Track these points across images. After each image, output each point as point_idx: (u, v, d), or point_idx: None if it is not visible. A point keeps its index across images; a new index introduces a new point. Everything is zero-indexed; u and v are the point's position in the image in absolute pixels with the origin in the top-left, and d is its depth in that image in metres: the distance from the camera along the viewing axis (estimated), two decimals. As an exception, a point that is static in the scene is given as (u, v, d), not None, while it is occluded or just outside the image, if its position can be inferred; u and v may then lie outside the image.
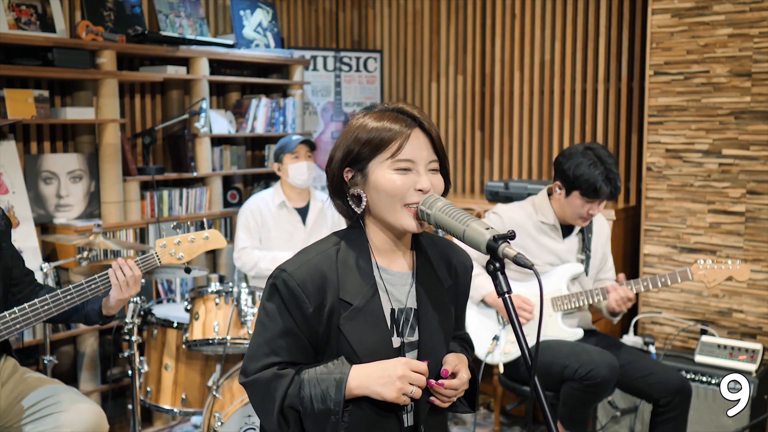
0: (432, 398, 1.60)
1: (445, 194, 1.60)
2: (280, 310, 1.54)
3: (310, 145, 3.70)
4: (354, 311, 1.54)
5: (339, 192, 1.62)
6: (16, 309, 2.32)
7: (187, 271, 2.74)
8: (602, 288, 2.99)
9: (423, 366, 1.54)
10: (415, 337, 1.62)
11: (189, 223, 2.66)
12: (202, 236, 2.61)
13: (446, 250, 1.72)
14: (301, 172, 3.65)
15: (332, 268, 1.55)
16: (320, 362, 1.57)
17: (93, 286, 2.40)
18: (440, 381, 1.59)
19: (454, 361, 1.64)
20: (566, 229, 3.11)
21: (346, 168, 1.59)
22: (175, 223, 2.70)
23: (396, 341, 1.59)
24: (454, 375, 1.62)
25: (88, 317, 2.52)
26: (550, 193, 3.09)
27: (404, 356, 1.59)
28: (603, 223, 3.22)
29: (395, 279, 1.62)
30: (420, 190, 1.53)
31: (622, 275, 3.05)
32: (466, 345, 1.82)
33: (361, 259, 1.58)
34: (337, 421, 1.48)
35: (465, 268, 1.75)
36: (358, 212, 1.60)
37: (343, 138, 1.59)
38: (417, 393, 1.52)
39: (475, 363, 3.28)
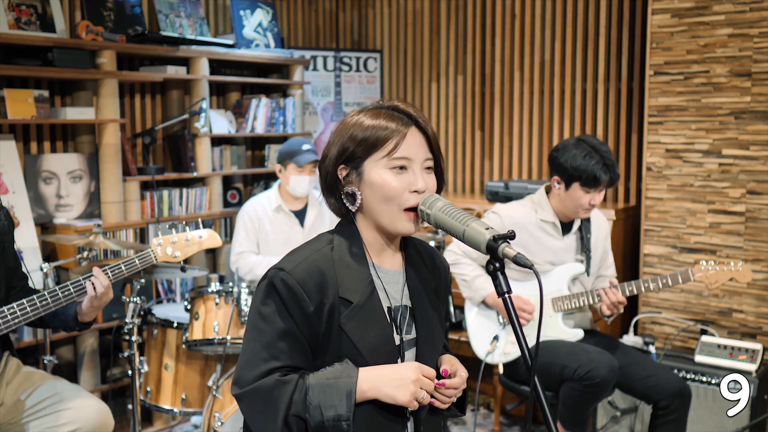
0: (432, 400, 1.58)
1: (438, 193, 1.59)
2: (280, 310, 1.48)
3: (317, 163, 3.68)
4: (355, 309, 1.51)
5: (332, 190, 1.59)
6: None
7: (183, 269, 2.79)
8: (597, 291, 2.99)
9: (433, 372, 1.53)
10: (413, 335, 1.61)
11: (184, 223, 2.71)
12: (198, 235, 2.67)
13: (429, 251, 1.74)
14: (302, 185, 3.64)
15: (330, 266, 1.52)
16: (319, 366, 1.52)
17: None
18: (441, 381, 1.57)
19: (451, 361, 1.64)
20: (565, 227, 3.11)
21: (341, 165, 1.56)
22: (170, 223, 2.72)
23: (396, 339, 1.57)
24: (452, 376, 1.62)
25: (66, 323, 2.51)
26: (548, 191, 3.10)
27: (404, 353, 1.58)
28: (602, 220, 3.22)
29: (389, 277, 1.60)
30: (416, 192, 1.52)
31: (614, 280, 3.04)
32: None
33: (357, 256, 1.56)
34: (348, 426, 1.43)
35: (445, 269, 1.76)
36: (353, 210, 1.57)
37: (338, 135, 1.56)
38: (427, 398, 1.51)
39: (474, 363, 3.28)
